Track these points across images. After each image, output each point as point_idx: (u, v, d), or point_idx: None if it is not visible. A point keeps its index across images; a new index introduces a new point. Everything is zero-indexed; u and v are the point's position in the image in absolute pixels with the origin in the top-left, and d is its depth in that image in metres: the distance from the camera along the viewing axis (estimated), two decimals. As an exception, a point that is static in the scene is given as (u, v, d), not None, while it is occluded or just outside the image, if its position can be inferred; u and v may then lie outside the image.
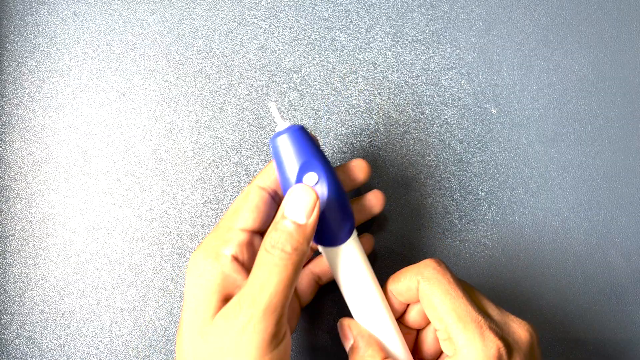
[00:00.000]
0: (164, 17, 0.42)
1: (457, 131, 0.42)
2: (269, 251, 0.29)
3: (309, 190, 0.30)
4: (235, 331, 0.28)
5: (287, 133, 0.32)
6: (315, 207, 0.30)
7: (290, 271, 0.29)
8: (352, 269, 0.33)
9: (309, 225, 0.30)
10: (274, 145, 0.32)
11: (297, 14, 0.42)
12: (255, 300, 0.28)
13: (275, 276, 0.28)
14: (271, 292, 0.28)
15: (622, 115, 0.43)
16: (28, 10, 0.41)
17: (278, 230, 0.29)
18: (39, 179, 0.40)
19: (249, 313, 0.28)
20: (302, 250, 0.29)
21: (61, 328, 0.40)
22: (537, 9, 0.43)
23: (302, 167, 0.31)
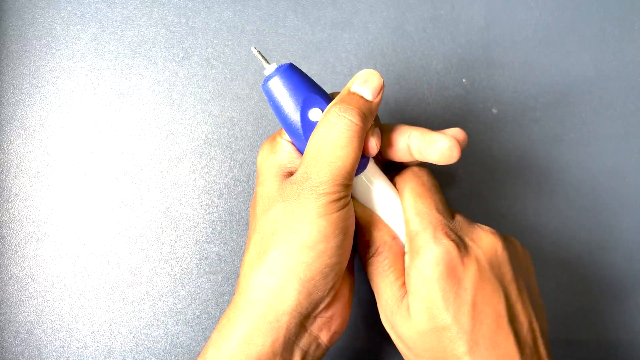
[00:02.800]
0: (162, 16, 0.41)
1: (458, 131, 0.42)
2: (333, 121, 0.29)
3: (377, 74, 0.31)
4: (303, 192, 0.29)
5: (278, 75, 0.30)
6: (381, 89, 0.31)
7: (356, 141, 0.29)
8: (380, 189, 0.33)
9: (374, 103, 0.31)
10: (267, 90, 0.31)
11: (297, 13, 0.42)
12: (320, 165, 0.29)
13: (337, 144, 0.29)
14: (333, 159, 0.29)
15: (624, 114, 0.43)
16: (26, 10, 0.41)
17: (345, 101, 0.30)
18: (37, 179, 0.40)
19: (315, 177, 0.29)
20: (366, 125, 0.30)
21: (60, 329, 0.40)
22: (538, 8, 0.43)
23: (304, 106, 0.31)
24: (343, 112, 0.29)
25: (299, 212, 0.29)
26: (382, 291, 0.32)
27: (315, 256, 0.29)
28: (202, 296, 0.40)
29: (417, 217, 0.31)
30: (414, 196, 0.32)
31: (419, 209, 0.31)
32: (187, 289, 0.40)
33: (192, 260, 0.40)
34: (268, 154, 0.33)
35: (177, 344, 0.40)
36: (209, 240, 0.40)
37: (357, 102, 0.30)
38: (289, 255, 0.29)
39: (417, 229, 0.31)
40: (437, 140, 0.31)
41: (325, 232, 0.29)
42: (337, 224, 0.29)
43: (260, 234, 0.31)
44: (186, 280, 0.40)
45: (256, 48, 0.31)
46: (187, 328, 0.40)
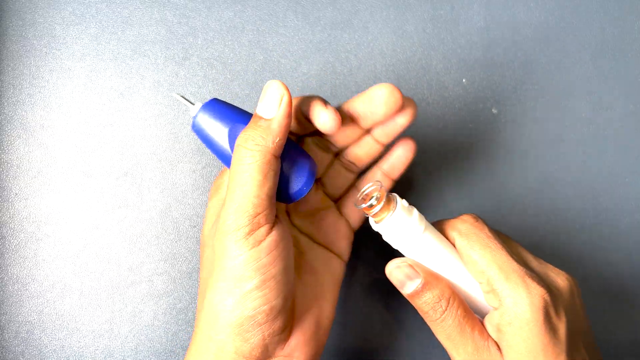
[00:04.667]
0: (163, 17, 0.41)
1: (458, 131, 0.42)
2: (236, 151, 0.29)
3: (276, 84, 0.29)
4: (218, 233, 0.28)
5: (201, 111, 0.30)
6: (281, 99, 0.29)
7: (257, 169, 0.28)
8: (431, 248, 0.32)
9: (275, 119, 0.29)
10: (196, 129, 0.30)
11: (297, 13, 0.42)
12: (226, 202, 0.28)
13: (243, 176, 0.28)
14: (240, 191, 0.28)
15: (624, 115, 0.43)
16: (26, 10, 0.41)
17: (247, 129, 0.29)
18: (38, 179, 0.40)
19: (223, 215, 0.28)
20: (267, 145, 0.28)
21: (60, 329, 0.40)
22: (538, 8, 0.43)
23: (231, 135, 0.30)
24: (245, 141, 0.29)
25: (217, 254, 0.29)
26: (463, 343, 0.31)
27: (235, 302, 0.28)
28: (202, 296, 0.40)
29: (500, 271, 0.30)
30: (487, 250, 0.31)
31: (498, 261, 0.30)
32: (187, 289, 0.40)
33: (192, 260, 0.40)
34: (212, 196, 0.33)
35: (177, 344, 0.40)
36: (209, 240, 0.40)
37: (256, 126, 0.29)
38: (214, 305, 0.29)
39: (502, 282, 0.30)
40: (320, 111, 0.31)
41: (239, 275, 0.28)
42: (251, 264, 0.28)
43: (202, 279, 0.31)
44: (186, 280, 0.40)
45: (178, 93, 0.32)
46: (187, 328, 0.40)
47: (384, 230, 0.32)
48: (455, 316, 0.31)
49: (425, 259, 0.32)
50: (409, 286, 0.31)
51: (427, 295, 0.31)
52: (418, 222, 0.31)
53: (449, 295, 0.31)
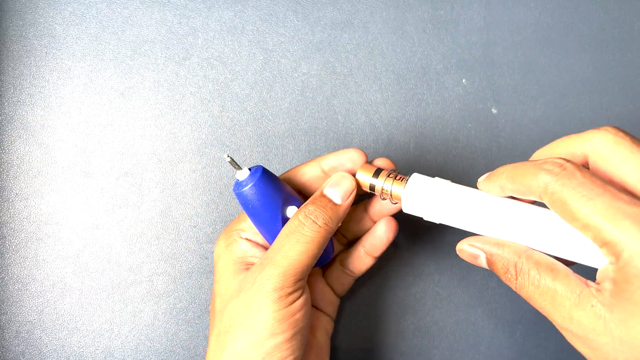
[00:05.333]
0: (163, 16, 0.42)
1: (458, 131, 0.42)
2: (302, 221, 0.31)
3: (349, 177, 0.33)
4: (255, 286, 0.30)
5: (254, 180, 0.32)
6: (352, 192, 0.33)
7: (316, 243, 0.31)
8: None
9: (343, 207, 0.32)
10: (243, 194, 0.32)
11: (297, 13, 0.42)
12: (276, 262, 0.30)
13: (301, 245, 0.31)
14: (294, 257, 0.30)
15: (624, 115, 0.43)
16: (27, 10, 0.41)
17: (314, 204, 0.32)
18: (38, 179, 0.40)
19: (269, 272, 0.30)
20: (332, 227, 0.32)
21: (60, 328, 0.40)
22: (538, 8, 0.43)
23: (283, 205, 0.32)
24: (310, 215, 0.31)
25: (250, 307, 0.30)
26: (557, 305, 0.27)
27: (265, 353, 0.30)
28: (202, 296, 0.40)
29: (606, 220, 0.25)
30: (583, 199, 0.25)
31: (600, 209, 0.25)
32: (187, 289, 0.40)
33: (192, 260, 0.40)
34: (224, 250, 0.34)
35: (177, 344, 0.40)
36: (209, 240, 0.40)
37: (325, 206, 0.32)
38: (239, 355, 0.30)
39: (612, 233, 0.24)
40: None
41: (273, 329, 0.30)
42: (285, 319, 0.30)
43: (217, 331, 0.32)
44: (186, 280, 0.40)
45: (229, 155, 0.32)
46: (187, 328, 0.40)
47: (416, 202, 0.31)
48: (529, 278, 0.28)
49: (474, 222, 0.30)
50: (481, 264, 0.31)
51: (497, 267, 0.30)
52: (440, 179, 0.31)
53: (515, 260, 0.29)
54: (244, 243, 0.34)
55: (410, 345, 0.41)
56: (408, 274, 0.41)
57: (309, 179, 0.35)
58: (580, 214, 0.25)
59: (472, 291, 0.41)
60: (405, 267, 0.41)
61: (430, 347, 0.41)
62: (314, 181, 0.35)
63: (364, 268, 0.37)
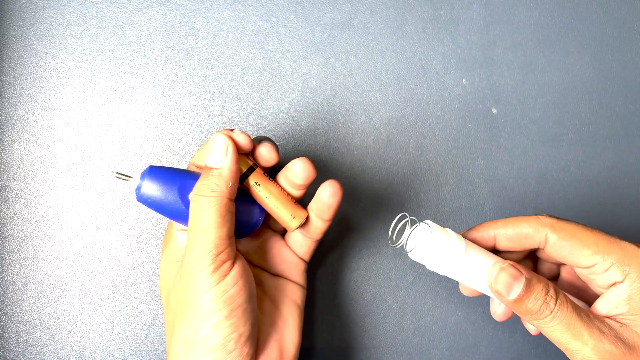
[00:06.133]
0: (163, 17, 0.42)
1: (458, 131, 0.42)
2: (194, 200, 0.31)
3: (220, 136, 0.32)
4: (183, 274, 0.31)
5: (145, 179, 0.32)
6: (227, 150, 0.32)
7: (215, 213, 0.31)
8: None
9: (225, 167, 0.32)
10: (143, 198, 0.32)
11: (297, 13, 0.42)
12: (189, 246, 0.31)
13: (202, 221, 0.31)
14: (201, 235, 0.31)
15: (623, 115, 0.43)
16: (27, 10, 0.41)
17: (200, 179, 0.32)
18: (38, 179, 0.40)
19: (187, 258, 0.31)
20: (221, 191, 0.31)
21: (60, 328, 0.40)
22: (538, 8, 0.43)
23: (182, 194, 0.33)
24: (198, 191, 0.32)
25: (183, 294, 0.31)
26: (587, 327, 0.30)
27: (204, 334, 0.30)
28: (202, 296, 0.40)
29: (609, 244, 0.31)
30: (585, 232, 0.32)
31: (602, 237, 0.32)
32: (187, 289, 0.40)
33: (192, 260, 0.40)
34: (163, 249, 0.35)
35: (177, 344, 0.40)
36: (209, 240, 0.40)
37: (207, 175, 0.32)
38: (183, 340, 0.31)
39: (618, 253, 0.31)
40: None
41: (206, 309, 0.30)
42: (219, 297, 0.30)
43: (168, 324, 0.33)
44: (186, 280, 0.40)
45: (114, 171, 0.33)
46: (187, 328, 0.40)
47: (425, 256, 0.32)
48: (569, 302, 0.30)
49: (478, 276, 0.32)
50: (516, 288, 0.30)
51: (535, 292, 0.30)
52: (457, 239, 0.32)
53: (552, 285, 0.31)
54: (180, 234, 0.34)
55: (410, 345, 0.41)
56: (408, 274, 0.41)
57: None
58: (589, 243, 0.31)
59: (472, 291, 0.41)
60: (405, 267, 0.41)
61: (430, 347, 0.41)
62: None
63: (320, 231, 0.36)
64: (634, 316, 0.30)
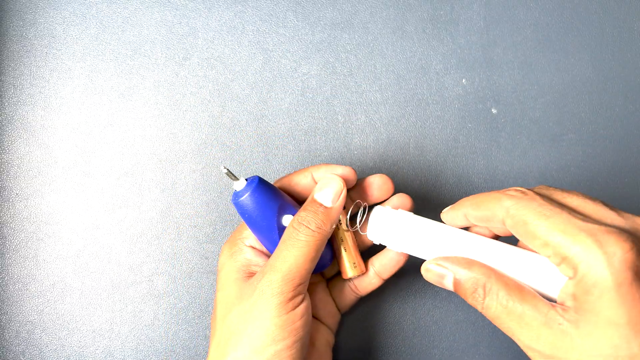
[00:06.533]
0: (163, 17, 0.42)
1: (458, 131, 0.42)
2: (296, 228, 0.32)
3: (337, 179, 0.33)
4: (257, 293, 0.31)
5: (250, 190, 0.32)
6: (341, 193, 0.33)
7: (312, 247, 0.32)
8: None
9: (334, 209, 0.33)
10: (241, 204, 0.33)
11: (297, 14, 0.42)
12: (275, 268, 0.31)
13: (297, 250, 0.31)
14: (291, 262, 0.31)
15: (623, 115, 0.43)
16: (27, 10, 0.41)
17: (306, 210, 0.33)
18: (38, 179, 0.40)
19: (269, 278, 0.31)
20: (325, 230, 0.32)
21: (60, 328, 0.40)
22: (537, 8, 0.43)
23: (279, 214, 0.33)
24: (303, 221, 0.32)
25: (251, 313, 0.31)
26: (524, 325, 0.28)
27: (267, 359, 0.30)
28: (202, 296, 0.40)
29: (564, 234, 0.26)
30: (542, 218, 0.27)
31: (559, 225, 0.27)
32: (187, 289, 0.40)
33: (192, 260, 0.40)
34: (227, 259, 0.35)
35: (177, 344, 0.40)
36: (209, 240, 0.40)
37: (316, 210, 0.33)
38: (243, 356, 0.30)
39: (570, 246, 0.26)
40: None
41: (274, 335, 0.30)
42: (287, 326, 0.31)
43: (218, 339, 0.32)
44: (187, 279, 0.40)
45: (225, 167, 0.33)
46: (187, 327, 0.40)
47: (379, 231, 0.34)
48: (498, 299, 0.29)
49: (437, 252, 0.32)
50: (447, 284, 0.31)
51: (464, 287, 0.30)
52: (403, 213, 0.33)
53: (483, 281, 0.29)
54: (249, 251, 0.34)
55: (410, 345, 0.41)
56: (408, 274, 0.41)
57: (302, 188, 0.35)
58: (540, 232, 0.27)
59: (472, 291, 0.41)
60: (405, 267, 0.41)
61: (430, 347, 0.41)
62: (305, 190, 0.35)
63: (370, 288, 0.37)
64: (577, 316, 0.26)
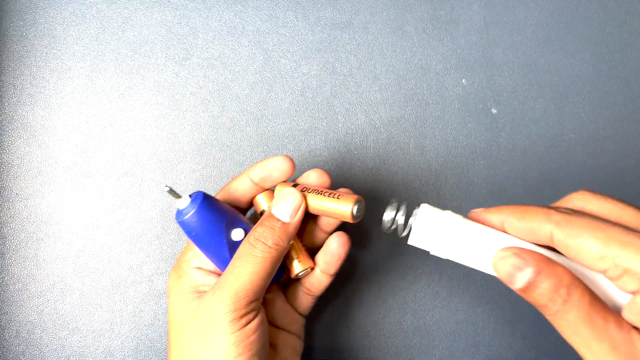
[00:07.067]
0: (163, 17, 0.42)
1: (458, 131, 0.42)
2: (252, 244, 0.31)
3: (295, 193, 0.32)
4: (208, 311, 0.30)
5: (195, 207, 0.31)
6: (300, 208, 0.32)
7: (268, 263, 0.31)
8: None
9: (292, 224, 0.32)
10: (185, 222, 0.31)
11: (297, 14, 0.42)
12: (227, 285, 0.30)
13: (252, 266, 0.31)
14: (245, 279, 0.30)
15: (623, 115, 0.43)
16: (27, 10, 0.41)
17: (263, 226, 0.32)
18: (38, 179, 0.40)
19: (221, 295, 0.30)
20: (282, 246, 0.32)
21: (60, 328, 0.40)
22: (537, 8, 0.43)
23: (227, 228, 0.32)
24: (260, 237, 0.31)
25: (205, 332, 0.30)
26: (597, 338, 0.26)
27: None
28: (202, 296, 0.40)
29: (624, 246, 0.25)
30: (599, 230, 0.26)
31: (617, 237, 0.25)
32: (187, 289, 0.40)
33: (192, 260, 0.40)
34: (175, 281, 0.34)
35: (177, 344, 0.40)
36: (209, 240, 0.40)
37: (273, 226, 0.32)
38: None
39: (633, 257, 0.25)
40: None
41: (229, 352, 0.30)
42: (241, 342, 0.30)
43: (171, 335, 0.32)
44: (186, 280, 0.40)
45: (167, 185, 0.31)
46: (187, 328, 0.40)
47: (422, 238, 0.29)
48: (580, 305, 0.26)
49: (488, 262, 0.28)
50: (519, 279, 0.27)
51: (543, 285, 0.26)
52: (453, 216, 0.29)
53: (568, 281, 0.26)
54: (195, 272, 0.33)
55: (410, 345, 0.41)
56: (408, 274, 0.41)
57: (242, 193, 0.34)
58: (597, 244, 0.25)
59: (472, 291, 0.41)
60: (405, 267, 0.41)
61: (430, 347, 0.41)
62: (246, 194, 0.34)
63: (322, 286, 0.36)
64: None
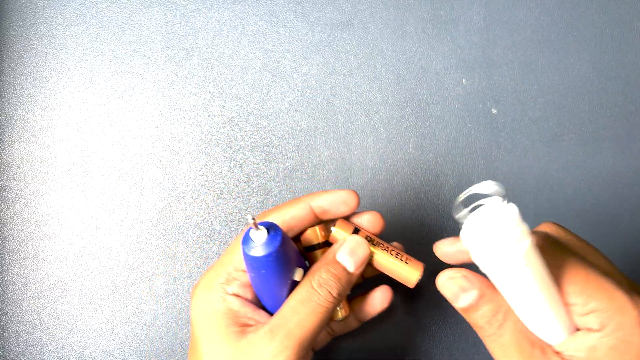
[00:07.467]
0: (163, 17, 0.42)
1: (458, 131, 0.42)
2: (317, 290, 0.30)
3: (365, 246, 0.32)
4: (266, 355, 0.29)
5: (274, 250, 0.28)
6: (365, 261, 0.32)
7: (329, 313, 0.30)
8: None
9: (354, 276, 0.31)
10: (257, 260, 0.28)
11: (297, 14, 0.42)
12: (291, 333, 0.29)
13: (316, 315, 0.30)
14: (309, 328, 0.29)
15: (623, 115, 0.43)
16: (27, 10, 0.41)
17: (329, 272, 0.31)
18: (38, 179, 0.40)
19: (283, 344, 0.29)
20: (343, 297, 0.31)
21: (60, 328, 0.40)
22: (537, 8, 0.43)
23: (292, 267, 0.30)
24: (325, 284, 0.30)
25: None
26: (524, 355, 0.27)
27: None
28: (202, 296, 0.40)
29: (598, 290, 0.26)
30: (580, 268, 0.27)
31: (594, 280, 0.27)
32: (187, 289, 0.40)
33: (192, 260, 0.40)
34: (205, 306, 0.31)
35: (177, 344, 0.40)
36: (209, 240, 0.40)
37: (339, 274, 0.31)
38: None
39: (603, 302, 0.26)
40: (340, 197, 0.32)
41: None
42: None
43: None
44: (187, 280, 0.40)
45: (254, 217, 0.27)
46: (187, 328, 0.40)
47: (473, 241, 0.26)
48: (514, 331, 0.28)
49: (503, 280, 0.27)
50: (462, 299, 0.29)
51: (484, 308, 0.28)
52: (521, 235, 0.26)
53: (505, 308, 0.28)
54: (234, 301, 0.31)
55: (410, 345, 0.41)
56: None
57: (299, 221, 0.32)
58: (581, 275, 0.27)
59: (472, 291, 0.41)
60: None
61: (431, 347, 0.41)
62: (302, 223, 0.33)
63: (346, 330, 0.36)
64: None
